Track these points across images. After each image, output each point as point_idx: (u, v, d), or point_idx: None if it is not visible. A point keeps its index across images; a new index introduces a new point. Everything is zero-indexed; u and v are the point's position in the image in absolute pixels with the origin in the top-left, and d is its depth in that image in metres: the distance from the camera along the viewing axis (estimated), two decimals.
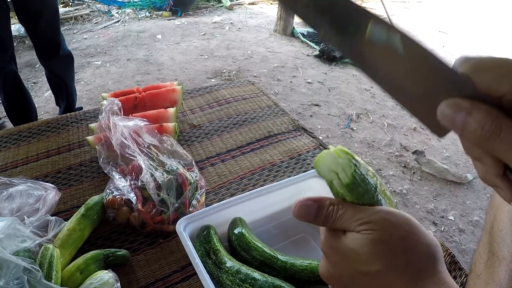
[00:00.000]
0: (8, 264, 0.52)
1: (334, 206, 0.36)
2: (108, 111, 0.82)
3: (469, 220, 1.97)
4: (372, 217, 0.34)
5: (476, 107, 0.25)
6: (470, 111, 0.25)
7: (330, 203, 0.37)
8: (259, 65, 3.46)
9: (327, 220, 0.36)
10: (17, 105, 2.10)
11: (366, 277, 0.34)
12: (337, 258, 0.36)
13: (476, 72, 0.26)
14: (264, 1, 5.42)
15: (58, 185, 0.85)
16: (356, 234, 0.34)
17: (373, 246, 0.33)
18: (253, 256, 0.65)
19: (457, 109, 0.26)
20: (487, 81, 0.25)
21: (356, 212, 0.35)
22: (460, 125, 0.26)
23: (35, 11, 1.89)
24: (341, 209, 0.36)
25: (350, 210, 0.35)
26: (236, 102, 1.21)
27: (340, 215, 0.36)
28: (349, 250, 0.34)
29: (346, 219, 0.35)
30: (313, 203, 0.37)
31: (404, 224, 0.34)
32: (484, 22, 5.42)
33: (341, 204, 0.36)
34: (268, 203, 0.76)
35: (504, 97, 0.25)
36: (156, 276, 0.68)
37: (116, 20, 4.46)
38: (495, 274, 0.64)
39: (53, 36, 2.05)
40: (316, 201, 0.37)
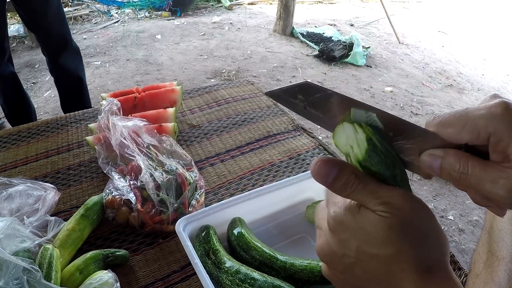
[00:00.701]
0: (8, 264, 0.52)
1: (357, 176, 0.34)
2: (107, 111, 0.82)
3: (469, 220, 1.97)
4: (393, 198, 0.32)
5: (447, 153, 0.32)
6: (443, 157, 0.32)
7: (353, 171, 0.34)
8: (259, 65, 3.46)
9: (345, 187, 0.34)
10: (17, 107, 2.07)
11: (372, 260, 0.33)
12: (345, 236, 0.34)
13: (441, 129, 0.32)
14: (263, 1, 5.43)
15: (58, 185, 0.85)
16: (372, 214, 0.32)
17: (388, 231, 0.31)
18: (253, 256, 0.65)
19: (433, 158, 0.32)
20: (451, 134, 0.31)
21: (378, 189, 0.33)
22: (437, 170, 0.32)
23: (41, 3, 1.83)
24: (364, 181, 0.34)
25: (372, 185, 0.33)
26: (236, 102, 1.21)
27: (361, 187, 0.33)
28: (361, 229, 0.33)
29: (366, 193, 0.33)
30: (336, 164, 0.34)
31: (422, 212, 0.33)
32: (483, 22, 5.42)
33: (363, 175, 0.34)
34: (267, 203, 0.76)
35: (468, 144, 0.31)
36: (156, 276, 0.68)
37: (115, 20, 4.46)
38: (494, 274, 0.64)
39: (61, 28, 1.98)
40: (339, 164, 0.34)
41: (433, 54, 4.26)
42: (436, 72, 3.86)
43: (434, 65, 4.01)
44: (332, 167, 0.34)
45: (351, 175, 0.34)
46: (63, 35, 1.99)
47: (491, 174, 0.30)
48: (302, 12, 5.02)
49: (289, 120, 1.14)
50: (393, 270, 0.32)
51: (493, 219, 0.70)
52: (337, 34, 4.21)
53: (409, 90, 3.38)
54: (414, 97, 3.28)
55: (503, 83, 3.93)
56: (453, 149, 0.32)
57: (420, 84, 3.54)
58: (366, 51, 3.86)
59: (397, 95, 3.26)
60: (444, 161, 0.31)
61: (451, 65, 4.07)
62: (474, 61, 4.27)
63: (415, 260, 0.31)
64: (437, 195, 2.10)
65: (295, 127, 1.11)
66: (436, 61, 4.11)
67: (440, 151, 0.32)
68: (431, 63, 4.04)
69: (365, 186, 0.33)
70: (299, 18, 4.67)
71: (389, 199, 0.32)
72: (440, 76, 3.78)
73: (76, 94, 2.15)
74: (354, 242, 0.33)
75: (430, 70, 3.89)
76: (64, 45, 2.01)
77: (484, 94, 3.57)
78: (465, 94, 3.52)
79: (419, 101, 3.22)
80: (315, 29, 4.41)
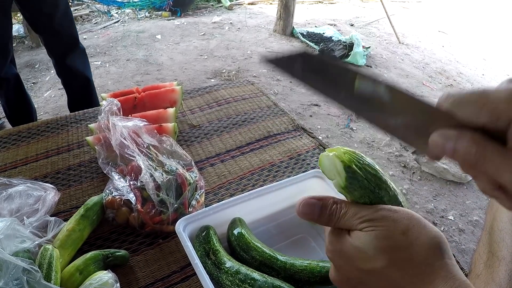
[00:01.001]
0: (8, 265, 0.52)
1: (338, 205, 0.37)
2: (107, 112, 0.82)
3: (469, 220, 1.97)
4: (374, 214, 0.35)
5: (461, 135, 0.28)
6: (457, 139, 0.28)
7: (333, 201, 0.37)
8: (259, 65, 3.46)
9: (331, 219, 0.37)
10: (18, 109, 2.06)
11: (372, 277, 0.34)
12: (342, 262, 0.37)
13: (457, 108, 0.29)
14: (263, 1, 5.42)
15: (58, 186, 0.85)
16: (359, 232, 0.35)
17: (376, 242, 0.33)
18: (253, 256, 0.65)
19: (446, 139, 0.29)
20: (468, 114, 0.28)
21: (358, 210, 0.36)
22: (449, 152, 0.29)
23: (49, 5, 1.81)
24: (344, 207, 0.37)
25: (352, 209, 0.36)
26: (236, 102, 1.21)
27: (343, 214, 0.36)
28: (353, 249, 0.35)
29: (349, 217, 0.36)
30: (317, 201, 0.38)
31: (405, 219, 0.34)
32: (483, 21, 5.42)
33: (343, 202, 0.37)
34: (267, 203, 0.76)
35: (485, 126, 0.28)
36: (156, 276, 0.68)
37: (115, 20, 4.46)
38: (494, 274, 0.64)
39: (70, 29, 1.96)
40: (320, 200, 0.38)
41: (433, 54, 4.26)
42: (436, 72, 3.86)
43: (434, 65, 4.01)
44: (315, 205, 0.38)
45: (332, 205, 0.37)
46: (71, 36, 1.98)
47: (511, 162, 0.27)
48: (302, 12, 5.02)
49: (289, 120, 1.14)
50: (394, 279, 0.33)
51: (494, 219, 0.70)
52: (337, 34, 4.20)
53: (409, 90, 3.37)
54: None
55: None
56: (469, 131, 0.28)
57: (420, 84, 3.54)
58: (366, 51, 3.86)
59: None
60: (458, 143, 0.28)
61: (451, 65, 4.06)
62: (474, 61, 4.27)
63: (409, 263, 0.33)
64: (437, 195, 2.10)
65: (295, 127, 1.11)
66: (436, 61, 4.11)
67: (453, 132, 0.29)
68: (431, 63, 4.04)
69: (347, 211, 0.36)
70: (299, 18, 4.67)
71: (370, 216, 0.35)
72: (440, 76, 3.78)
73: (84, 95, 2.14)
74: (351, 264, 0.36)
75: (430, 70, 3.88)
76: (72, 46, 2.00)
77: None
78: None
79: None
80: (315, 29, 4.41)
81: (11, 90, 1.97)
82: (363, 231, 0.34)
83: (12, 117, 2.09)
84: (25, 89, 2.08)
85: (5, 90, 1.94)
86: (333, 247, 0.37)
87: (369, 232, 0.34)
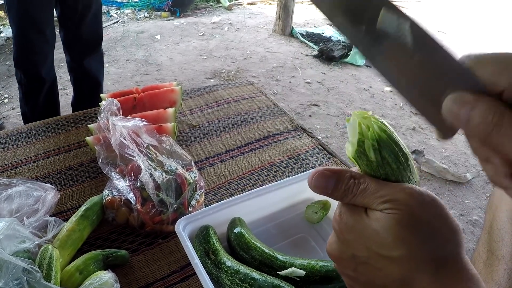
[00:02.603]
0: (8, 265, 0.52)
1: (355, 180, 0.33)
2: (107, 112, 0.82)
3: (469, 220, 1.97)
4: (397, 194, 0.31)
5: (479, 100, 0.25)
6: (474, 104, 0.25)
7: (351, 175, 0.33)
8: (258, 65, 3.46)
9: (346, 194, 0.33)
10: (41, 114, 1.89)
11: (384, 260, 0.31)
12: (351, 237, 0.33)
13: (478, 66, 0.26)
14: (262, 1, 5.42)
15: (57, 186, 0.85)
16: (379, 213, 0.31)
17: (399, 229, 0.30)
18: (252, 256, 0.65)
19: (462, 104, 0.26)
20: (488, 74, 0.26)
21: (379, 188, 0.32)
22: (464, 119, 0.26)
23: (85, 4, 1.82)
24: (363, 183, 0.33)
25: (373, 185, 0.32)
26: (235, 102, 1.21)
27: (362, 190, 0.32)
28: (369, 230, 0.31)
29: (368, 194, 0.32)
30: (332, 174, 0.34)
31: (431, 205, 0.31)
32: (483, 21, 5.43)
33: (363, 177, 0.33)
34: (267, 203, 0.76)
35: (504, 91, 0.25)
36: (156, 276, 0.68)
37: (115, 21, 4.45)
38: (494, 273, 0.64)
39: (97, 30, 1.96)
40: (335, 173, 0.34)
41: None
42: None
43: None
44: (329, 178, 0.34)
45: (349, 180, 0.33)
46: (96, 39, 1.98)
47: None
48: (302, 12, 5.02)
49: (289, 120, 1.14)
50: (406, 268, 0.30)
51: (493, 218, 0.71)
52: (336, 34, 4.21)
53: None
54: None
55: None
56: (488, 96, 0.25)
57: None
58: None
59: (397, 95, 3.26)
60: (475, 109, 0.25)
61: None
62: None
63: (428, 256, 0.30)
64: (436, 195, 2.10)
65: (294, 127, 1.11)
66: None
67: (471, 96, 0.26)
68: None
69: (366, 188, 0.32)
70: (299, 18, 4.67)
71: (393, 196, 0.31)
72: None
73: (91, 97, 2.10)
74: (362, 242, 0.32)
75: None
76: (94, 48, 2.00)
77: None
78: None
79: None
80: (315, 29, 4.41)
81: (44, 96, 1.88)
82: (384, 213, 0.31)
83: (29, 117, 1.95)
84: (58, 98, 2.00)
85: (36, 94, 1.85)
86: (344, 221, 0.34)
87: (391, 215, 0.30)
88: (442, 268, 0.30)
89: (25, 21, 1.70)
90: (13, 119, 2.50)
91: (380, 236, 0.31)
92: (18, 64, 1.82)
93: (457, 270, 0.30)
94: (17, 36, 1.75)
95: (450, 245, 0.31)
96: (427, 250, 0.30)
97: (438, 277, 0.30)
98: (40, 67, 1.81)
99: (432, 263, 0.30)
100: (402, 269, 0.31)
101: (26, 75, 1.83)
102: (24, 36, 1.74)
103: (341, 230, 0.34)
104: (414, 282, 0.30)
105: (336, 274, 0.61)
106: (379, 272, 0.32)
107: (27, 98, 1.91)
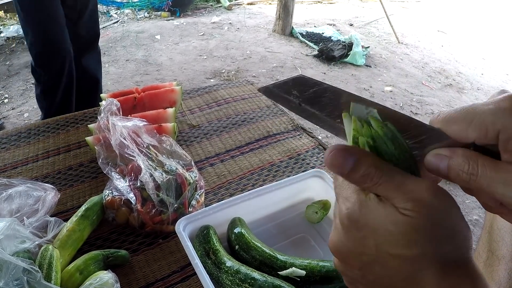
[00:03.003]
0: (8, 265, 0.52)
1: (378, 170, 0.30)
2: (107, 112, 0.82)
3: (469, 220, 1.97)
4: (422, 193, 0.29)
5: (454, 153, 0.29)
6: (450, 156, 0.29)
7: (372, 162, 0.30)
8: (258, 65, 3.46)
9: (364, 180, 0.30)
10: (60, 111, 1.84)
11: (394, 260, 0.30)
12: (361, 235, 0.31)
13: (446, 126, 0.30)
14: (262, 1, 5.42)
15: (58, 186, 0.85)
16: (395, 212, 0.29)
17: (413, 233, 0.29)
18: (253, 256, 0.65)
19: (440, 158, 0.29)
20: (457, 132, 0.29)
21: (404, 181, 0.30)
22: (444, 171, 0.29)
23: (82, 3, 1.82)
24: (387, 173, 0.30)
25: (399, 177, 0.30)
26: (235, 102, 1.21)
27: (386, 181, 0.30)
28: (380, 228, 0.30)
29: (392, 187, 0.30)
30: (352, 153, 0.31)
31: (451, 208, 0.30)
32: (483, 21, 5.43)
33: (386, 167, 0.30)
34: (267, 203, 0.76)
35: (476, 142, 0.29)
36: (156, 276, 0.68)
37: (115, 21, 4.45)
38: (494, 273, 0.64)
39: (94, 27, 1.97)
40: (356, 153, 0.31)
41: (432, 54, 4.27)
42: (436, 71, 3.86)
43: (434, 64, 4.01)
44: (349, 156, 0.31)
45: (370, 167, 0.30)
46: (92, 37, 1.99)
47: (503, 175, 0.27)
48: (302, 12, 5.02)
49: (289, 120, 1.14)
50: (415, 268, 0.30)
51: (493, 218, 0.71)
52: (336, 34, 4.21)
53: (409, 90, 3.38)
54: (413, 96, 3.28)
55: (503, 82, 3.93)
56: (461, 148, 0.29)
57: (420, 83, 3.55)
58: (365, 51, 3.86)
59: (397, 95, 3.26)
60: (451, 161, 0.29)
61: (451, 65, 4.07)
62: (474, 61, 4.28)
63: (440, 259, 0.29)
64: None
65: (295, 127, 1.11)
66: (436, 60, 4.11)
67: (446, 151, 0.29)
68: (430, 62, 4.04)
69: (391, 179, 0.30)
70: (299, 18, 4.67)
71: (418, 195, 0.29)
72: (439, 76, 3.78)
73: (90, 95, 2.12)
74: (373, 240, 0.31)
75: (429, 69, 3.89)
76: (92, 45, 2.01)
77: (484, 93, 3.58)
78: (465, 94, 3.52)
79: (419, 101, 3.22)
80: (315, 29, 4.41)
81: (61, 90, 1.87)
82: (401, 212, 0.29)
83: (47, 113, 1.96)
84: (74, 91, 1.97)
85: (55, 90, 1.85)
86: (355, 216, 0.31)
87: (410, 218, 0.29)
88: (451, 270, 0.30)
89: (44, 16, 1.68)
90: (13, 119, 2.50)
91: (392, 237, 0.30)
92: (40, 62, 1.80)
93: (465, 273, 0.30)
94: (37, 32, 1.73)
95: (462, 249, 0.30)
96: (440, 253, 0.29)
97: (446, 278, 0.30)
98: (65, 64, 1.82)
99: (442, 265, 0.30)
100: (412, 268, 0.30)
101: (49, 72, 1.82)
102: (46, 32, 1.72)
103: (350, 227, 0.32)
104: (422, 281, 0.30)
105: (337, 274, 0.61)
106: (388, 271, 0.31)
107: (46, 94, 1.91)
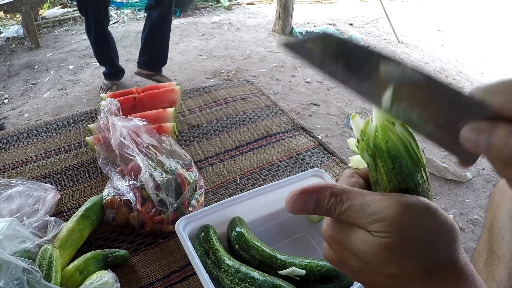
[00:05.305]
0: (8, 265, 0.52)
1: (337, 198, 0.31)
2: (107, 112, 0.82)
3: (469, 219, 1.97)
4: (386, 212, 0.29)
5: (496, 127, 0.26)
6: (491, 131, 0.26)
7: (331, 193, 0.31)
8: (258, 65, 3.46)
9: (329, 213, 0.31)
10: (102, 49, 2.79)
11: (377, 276, 0.31)
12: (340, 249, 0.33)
13: (489, 96, 0.27)
14: (262, 1, 5.42)
15: (57, 186, 0.85)
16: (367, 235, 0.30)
17: (386, 253, 0.29)
18: (252, 255, 0.65)
19: (479, 132, 0.26)
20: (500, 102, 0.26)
21: (365, 205, 0.30)
22: (484, 146, 0.26)
23: None
24: (346, 200, 0.31)
25: (358, 202, 0.30)
26: (235, 102, 1.21)
27: (346, 209, 0.31)
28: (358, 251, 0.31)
29: (354, 212, 0.30)
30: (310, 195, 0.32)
31: (424, 217, 0.30)
32: (483, 20, 5.43)
33: (345, 194, 0.31)
34: (267, 202, 0.76)
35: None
36: (156, 276, 0.68)
37: (114, 21, 4.45)
38: (494, 272, 0.64)
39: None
40: (314, 192, 0.32)
41: (432, 53, 4.26)
42: (436, 71, 3.86)
43: (434, 64, 4.01)
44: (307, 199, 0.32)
45: (330, 198, 0.31)
46: None
47: None
48: (301, 12, 5.02)
49: (288, 119, 1.14)
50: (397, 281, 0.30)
51: (494, 218, 0.71)
52: (336, 33, 4.21)
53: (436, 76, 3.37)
54: None
55: None
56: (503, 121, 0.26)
57: None
58: None
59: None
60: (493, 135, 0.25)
61: (451, 64, 4.06)
62: (474, 60, 4.27)
63: (422, 270, 0.30)
64: (436, 194, 2.10)
65: (294, 127, 1.11)
66: (436, 60, 4.11)
67: (486, 124, 0.26)
68: (430, 62, 4.04)
69: (350, 207, 0.31)
70: (298, 18, 4.66)
71: (381, 215, 0.29)
72: (439, 75, 3.78)
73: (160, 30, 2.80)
74: (354, 259, 0.32)
75: (429, 69, 3.89)
76: None
77: None
78: None
79: None
80: (315, 29, 4.41)
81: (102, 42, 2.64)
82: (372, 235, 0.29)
83: None
84: None
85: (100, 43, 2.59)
86: (333, 235, 0.33)
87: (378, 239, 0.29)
88: (436, 274, 0.30)
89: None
90: (13, 119, 2.50)
91: (369, 258, 0.30)
92: None
93: (451, 275, 0.30)
94: None
95: (443, 253, 0.30)
96: (419, 264, 0.30)
97: (431, 282, 0.30)
98: None
99: (425, 273, 0.30)
100: (395, 284, 0.31)
101: None
102: None
103: (332, 245, 0.33)
104: None
105: (336, 274, 0.61)
106: (374, 279, 0.32)
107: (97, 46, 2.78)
